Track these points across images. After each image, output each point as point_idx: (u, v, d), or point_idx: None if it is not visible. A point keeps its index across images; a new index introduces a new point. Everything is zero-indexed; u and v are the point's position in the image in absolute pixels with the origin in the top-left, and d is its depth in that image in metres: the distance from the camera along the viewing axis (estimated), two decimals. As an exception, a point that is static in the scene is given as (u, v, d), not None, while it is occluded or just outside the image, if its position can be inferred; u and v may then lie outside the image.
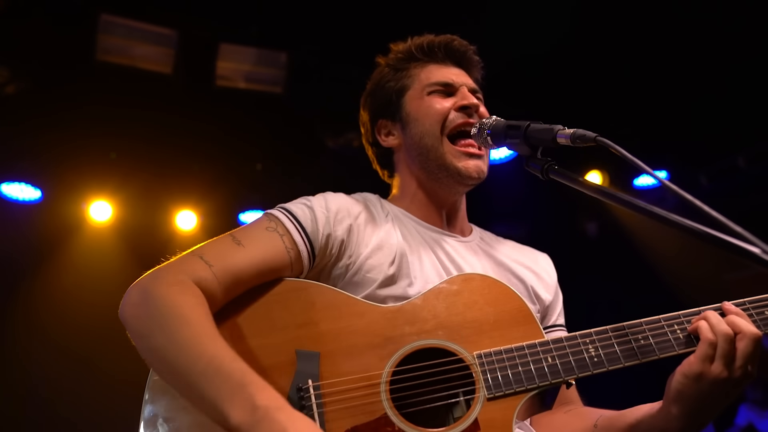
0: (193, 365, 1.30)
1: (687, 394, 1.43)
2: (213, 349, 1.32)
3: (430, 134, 1.82)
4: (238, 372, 1.28)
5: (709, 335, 1.42)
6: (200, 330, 1.35)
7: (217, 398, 1.25)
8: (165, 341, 1.34)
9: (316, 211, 1.68)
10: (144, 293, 1.43)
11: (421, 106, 1.87)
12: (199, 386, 1.28)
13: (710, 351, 1.41)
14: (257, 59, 4.92)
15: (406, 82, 1.92)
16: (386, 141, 1.95)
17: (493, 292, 1.61)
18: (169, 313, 1.37)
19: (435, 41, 1.94)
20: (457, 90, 1.87)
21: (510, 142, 1.64)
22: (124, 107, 4.75)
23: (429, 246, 1.78)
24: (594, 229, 6.93)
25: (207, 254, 1.52)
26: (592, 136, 1.42)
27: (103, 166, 5.41)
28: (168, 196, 5.76)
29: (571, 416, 1.73)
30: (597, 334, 1.52)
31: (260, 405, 1.23)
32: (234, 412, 1.23)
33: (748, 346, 1.41)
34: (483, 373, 1.45)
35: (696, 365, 1.42)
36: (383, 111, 1.95)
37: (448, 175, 1.82)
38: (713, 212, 1.18)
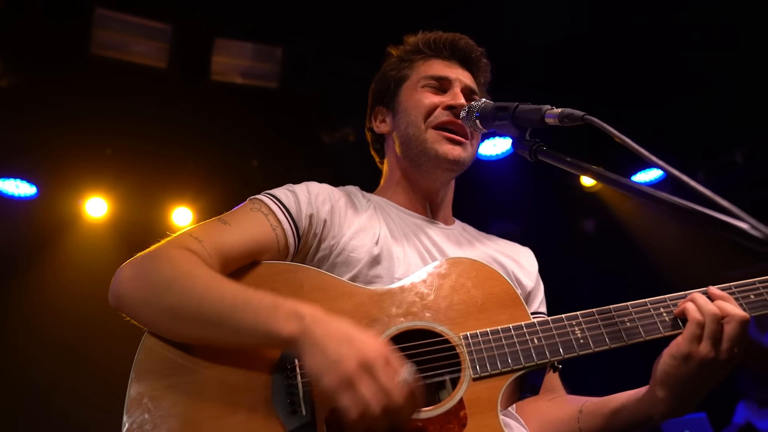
0: (220, 305, 1.34)
1: (674, 376, 1.43)
2: (233, 288, 1.37)
3: (413, 125, 1.86)
4: (267, 297, 1.34)
5: (697, 315, 1.42)
6: (212, 277, 1.40)
7: (258, 324, 1.30)
8: (180, 297, 1.37)
9: (299, 194, 1.71)
10: (139, 267, 1.45)
11: (411, 97, 1.91)
12: (234, 321, 1.32)
13: (698, 331, 1.41)
14: (252, 54, 4.90)
15: (406, 72, 1.97)
16: (379, 127, 2.01)
17: (481, 275, 1.61)
18: (175, 272, 1.40)
19: (441, 38, 1.97)
20: (451, 87, 1.89)
21: (498, 124, 1.64)
22: (119, 102, 4.74)
23: (412, 231, 1.81)
24: (591, 226, 6.92)
25: (196, 233, 1.54)
26: (579, 115, 1.42)
27: (99, 162, 5.40)
28: (164, 192, 5.75)
29: (556, 403, 1.74)
30: (583, 317, 1.53)
31: (305, 313, 1.29)
32: (282, 327, 1.28)
33: (735, 329, 1.41)
34: (469, 354, 1.45)
35: (684, 346, 1.42)
36: (381, 98, 2.01)
37: (427, 159, 1.84)
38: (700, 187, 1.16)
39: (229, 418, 1.33)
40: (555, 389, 1.81)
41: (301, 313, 1.29)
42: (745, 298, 1.53)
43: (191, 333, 1.39)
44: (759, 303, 1.53)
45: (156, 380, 1.37)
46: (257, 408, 1.35)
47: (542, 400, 1.78)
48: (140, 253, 1.49)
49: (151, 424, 1.31)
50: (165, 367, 1.39)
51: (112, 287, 1.45)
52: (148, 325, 1.42)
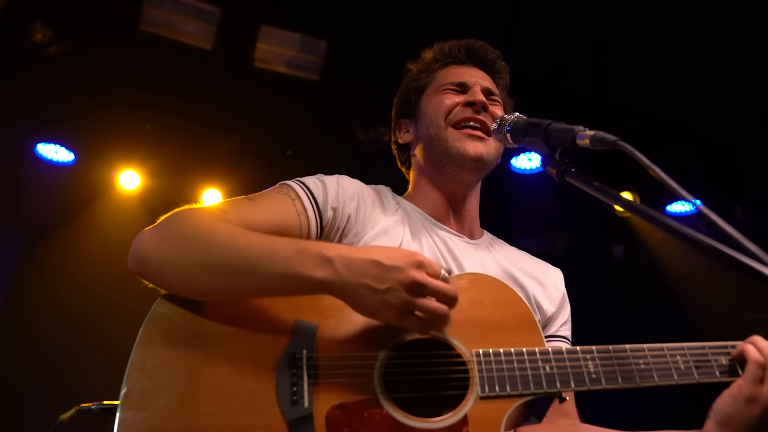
0: (247, 254, 1.35)
1: (737, 419, 1.40)
2: (257, 237, 1.39)
3: (434, 124, 1.87)
4: (291, 243, 1.37)
5: (757, 356, 1.41)
6: (235, 229, 1.42)
7: (287, 269, 1.33)
8: (205, 250, 1.38)
9: (328, 185, 1.72)
10: (163, 227, 1.46)
11: (432, 101, 1.92)
12: (263, 268, 1.34)
13: (759, 372, 1.40)
14: (297, 45, 4.93)
15: (426, 81, 1.99)
16: (403, 137, 2.03)
17: (500, 295, 1.59)
18: (200, 226, 1.42)
19: (456, 44, 2.00)
20: (470, 88, 1.90)
21: (529, 140, 1.61)
22: (162, 79, 4.80)
23: (434, 241, 1.80)
24: (620, 251, 6.79)
25: (222, 206, 1.57)
26: (612, 140, 1.38)
27: (137, 135, 5.47)
28: (196, 171, 5.80)
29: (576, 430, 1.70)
30: (598, 352, 1.50)
31: (331, 256, 1.32)
32: (312, 272, 1.31)
33: None
34: (479, 372, 1.43)
35: (746, 387, 1.40)
36: (404, 110, 2.04)
37: (450, 160, 1.84)
38: (729, 228, 1.12)
39: (229, 399, 1.33)
40: (569, 414, 1.77)
41: (328, 256, 1.32)
42: None
43: (221, 284, 1.39)
44: None
45: (161, 349, 1.38)
46: (259, 393, 1.35)
47: (558, 425, 1.73)
48: (162, 217, 1.51)
49: (151, 392, 1.31)
50: (172, 338, 1.39)
51: (133, 249, 1.46)
52: (174, 282, 1.42)
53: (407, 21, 4.42)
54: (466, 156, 1.81)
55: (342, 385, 1.37)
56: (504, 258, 1.91)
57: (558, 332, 1.85)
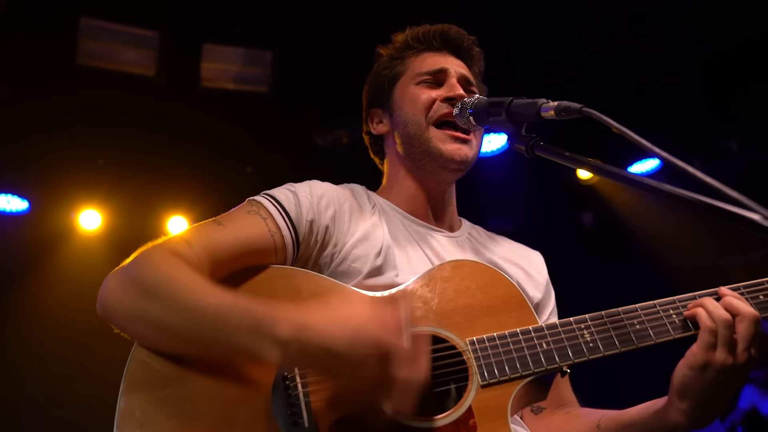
0: (201, 323, 1.27)
1: (694, 386, 1.39)
2: (213, 301, 1.29)
3: (413, 122, 1.79)
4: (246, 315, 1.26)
5: (708, 323, 1.39)
6: (193, 285, 1.33)
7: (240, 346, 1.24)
8: (165, 310, 1.31)
9: (301, 196, 1.63)
10: (126, 276, 1.39)
11: (406, 94, 1.84)
12: (218, 340, 1.27)
13: (712, 339, 1.38)
14: (242, 59, 4.86)
15: (399, 69, 1.90)
16: (377, 129, 1.94)
17: (485, 278, 1.56)
18: (158, 282, 1.34)
19: (431, 30, 1.91)
20: (447, 79, 1.82)
21: (493, 120, 1.59)
22: (108, 112, 4.69)
23: (415, 241, 1.74)
24: (590, 218, 6.89)
25: (187, 235, 1.48)
26: (577, 108, 1.37)
27: (91, 173, 5.34)
28: (158, 201, 5.70)
29: (570, 418, 1.68)
30: (592, 320, 1.49)
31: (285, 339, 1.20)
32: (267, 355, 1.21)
33: (748, 329, 1.38)
34: (476, 360, 1.40)
35: (700, 355, 1.38)
36: (376, 99, 1.94)
37: (431, 160, 1.77)
38: (707, 178, 1.12)
39: None
40: (568, 402, 1.75)
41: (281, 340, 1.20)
42: (755, 299, 1.50)
43: (180, 349, 1.34)
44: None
45: (148, 392, 1.32)
46: (257, 421, 1.30)
47: (557, 415, 1.71)
48: (128, 259, 1.43)
49: None
50: (157, 378, 1.33)
51: (100, 296, 1.40)
52: (138, 338, 1.37)
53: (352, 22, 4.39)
54: (451, 160, 1.74)
55: (340, 396, 1.33)
56: (485, 247, 1.87)
57: (548, 321, 1.83)
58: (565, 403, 1.75)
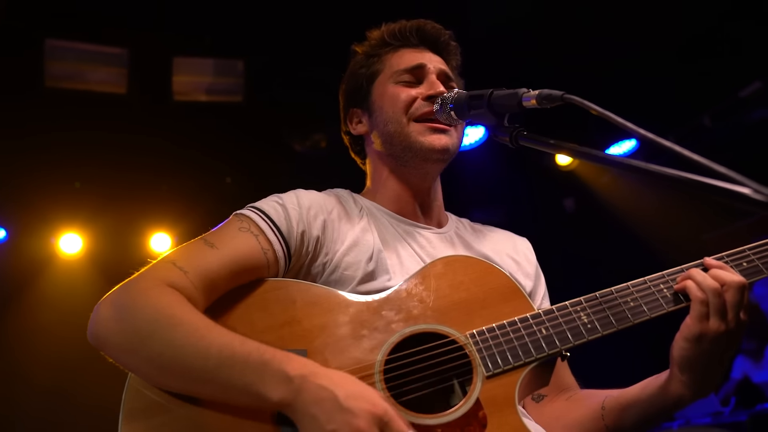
0: (205, 362, 1.25)
1: (693, 357, 1.42)
2: (218, 339, 1.28)
3: (394, 121, 1.77)
4: (254, 353, 1.26)
5: (699, 294, 1.42)
6: (196, 324, 1.30)
7: (246, 384, 1.23)
8: (162, 347, 1.28)
9: (289, 208, 1.61)
10: (119, 306, 1.35)
11: (386, 93, 1.82)
12: (221, 379, 1.25)
13: (703, 309, 1.41)
14: (213, 70, 4.83)
15: (377, 67, 1.88)
16: (356, 129, 1.92)
17: (478, 271, 1.57)
18: (156, 318, 1.31)
19: (407, 25, 1.89)
20: (426, 76, 1.81)
21: (474, 113, 1.59)
22: (81, 132, 4.62)
23: (405, 240, 1.74)
24: (571, 204, 6.94)
25: (179, 260, 1.44)
26: (558, 95, 1.37)
27: (68, 196, 5.26)
28: (139, 220, 5.63)
29: (573, 402, 1.69)
30: (587, 301, 1.50)
31: (293, 375, 1.22)
32: (270, 391, 1.22)
33: (735, 296, 1.41)
34: (479, 352, 1.40)
35: (694, 326, 1.41)
36: (354, 99, 1.92)
37: (413, 155, 1.76)
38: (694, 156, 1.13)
39: None
40: (569, 386, 1.76)
41: (289, 375, 1.22)
42: (738, 266, 1.53)
43: (176, 386, 1.31)
44: (752, 270, 1.54)
45: (148, 419, 1.29)
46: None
47: (558, 401, 1.71)
48: (119, 286, 1.39)
49: None
50: (156, 406, 1.30)
51: (90, 327, 1.36)
52: (131, 371, 1.34)
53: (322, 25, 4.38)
54: (432, 149, 1.73)
55: None
56: (473, 240, 1.88)
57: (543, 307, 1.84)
58: (566, 387, 1.76)
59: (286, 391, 1.21)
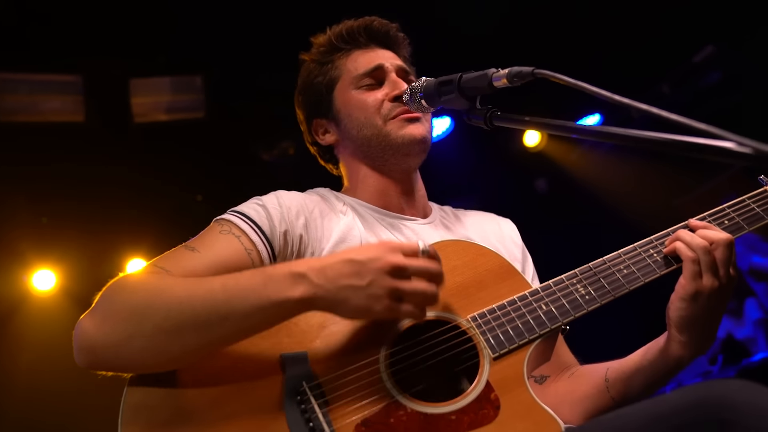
0: (213, 300, 1.26)
1: (690, 316, 1.44)
2: (217, 280, 1.30)
3: (368, 126, 1.76)
4: (256, 272, 1.31)
5: (690, 253, 1.44)
6: (187, 282, 1.32)
7: (262, 299, 1.25)
8: (165, 312, 1.26)
9: (270, 208, 1.59)
10: (104, 310, 1.31)
11: (351, 100, 1.80)
12: (236, 309, 1.25)
13: (695, 267, 1.43)
14: (171, 88, 4.75)
15: (333, 74, 1.85)
16: (324, 139, 1.90)
17: (469, 254, 1.56)
18: (147, 294, 1.31)
19: (354, 26, 1.87)
20: (387, 75, 1.80)
21: (445, 99, 1.58)
22: (42, 167, 4.50)
23: (392, 233, 1.73)
24: (543, 185, 7.00)
25: (162, 263, 1.42)
26: (529, 71, 1.38)
27: (36, 232, 5.11)
28: (113, 248, 5.49)
29: (576, 379, 1.70)
30: (582, 273, 1.51)
31: (302, 270, 1.26)
32: (289, 292, 1.24)
33: (725, 253, 1.44)
34: (482, 335, 1.40)
35: (689, 286, 1.43)
36: (316, 109, 1.89)
37: (394, 152, 1.76)
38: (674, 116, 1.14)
39: None
40: (570, 364, 1.77)
41: (299, 271, 1.26)
42: (721, 224, 1.56)
43: (195, 341, 1.26)
44: (733, 226, 1.57)
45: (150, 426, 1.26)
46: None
47: (562, 380, 1.72)
48: (96, 296, 1.35)
49: None
50: (158, 423, 1.27)
51: (76, 341, 1.30)
52: (137, 360, 1.28)
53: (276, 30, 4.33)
54: (413, 141, 1.73)
55: (356, 400, 1.31)
56: (458, 226, 1.88)
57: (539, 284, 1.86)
58: (567, 365, 1.77)
59: (304, 286, 1.24)
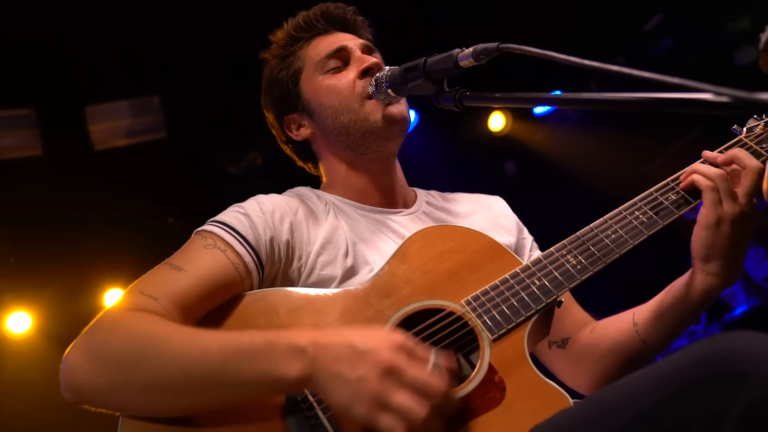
0: (209, 364, 1.17)
1: (715, 244, 1.44)
2: (215, 338, 1.22)
3: (344, 111, 1.71)
4: (257, 337, 1.19)
5: (708, 182, 1.45)
6: (185, 334, 1.23)
7: (259, 372, 1.15)
8: (156, 369, 1.18)
9: (252, 216, 1.54)
10: (92, 345, 1.25)
11: (320, 87, 1.75)
12: (230, 377, 1.16)
13: (715, 195, 1.44)
14: (129, 111, 4.65)
15: (297, 65, 1.81)
16: (299, 135, 1.84)
17: (455, 237, 1.54)
18: (139, 342, 1.22)
19: (310, 14, 1.83)
20: (351, 54, 1.77)
21: (412, 85, 1.56)
22: (3, 206, 4.37)
23: (378, 230, 1.69)
24: (512, 167, 7.04)
25: (147, 288, 1.35)
26: (494, 46, 1.36)
27: (5, 273, 4.96)
28: (87, 281, 5.35)
29: (600, 331, 1.68)
30: (570, 243, 1.50)
31: (304, 344, 1.15)
32: (286, 369, 1.14)
33: (752, 180, 1.44)
34: (479, 317, 1.38)
35: (711, 214, 1.44)
36: (285, 105, 1.84)
37: (375, 136, 1.70)
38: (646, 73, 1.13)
39: None
40: (587, 321, 1.75)
41: (300, 345, 1.15)
42: None
43: (183, 404, 1.21)
44: None
45: None
46: None
47: (584, 337, 1.70)
48: (85, 330, 1.29)
49: None
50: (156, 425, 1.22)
51: (64, 378, 1.24)
52: (125, 409, 1.23)
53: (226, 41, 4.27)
54: (393, 120, 1.68)
55: None
56: (445, 211, 1.85)
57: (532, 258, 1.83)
58: (585, 322, 1.75)
59: (302, 363, 1.14)
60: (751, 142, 1.63)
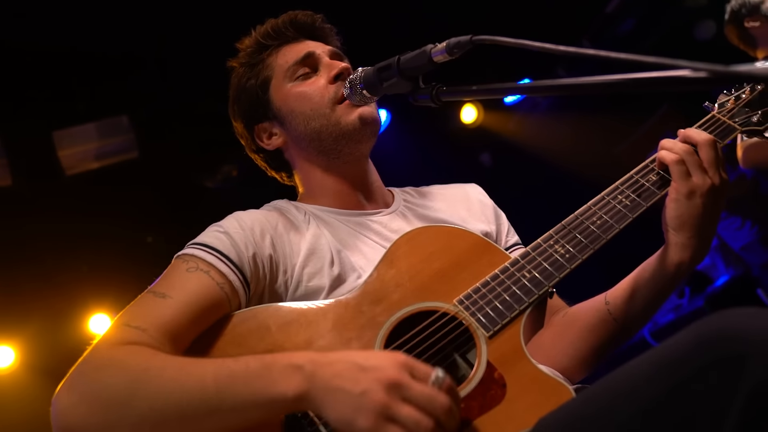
0: (203, 391, 1.14)
1: (686, 214, 1.45)
2: (208, 366, 1.19)
3: (316, 117, 1.70)
4: (252, 361, 1.17)
5: (672, 156, 1.47)
6: (177, 364, 1.20)
7: (256, 394, 1.13)
8: (150, 402, 1.15)
9: (232, 233, 1.51)
10: (82, 386, 1.21)
11: (289, 95, 1.74)
12: (226, 402, 1.13)
13: (682, 167, 1.45)
14: (98, 134, 4.57)
15: (265, 74, 1.79)
16: (270, 144, 1.82)
17: (442, 237, 1.53)
18: (131, 378, 1.19)
19: (278, 22, 1.81)
20: (320, 61, 1.76)
21: (387, 85, 1.55)
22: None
23: (360, 233, 1.67)
24: (488, 158, 7.07)
25: (133, 320, 1.31)
26: (467, 39, 1.37)
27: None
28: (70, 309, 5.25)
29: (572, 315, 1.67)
30: (557, 233, 1.50)
31: (302, 362, 1.14)
32: (284, 387, 1.12)
33: (709, 152, 1.46)
34: (472, 315, 1.37)
35: (681, 186, 1.45)
36: (254, 114, 1.81)
37: (347, 139, 1.70)
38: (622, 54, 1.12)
39: None
40: (559, 307, 1.74)
41: (297, 363, 1.13)
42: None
43: None
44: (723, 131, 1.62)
45: None
46: None
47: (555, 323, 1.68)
48: (74, 367, 1.25)
49: None
50: None
51: (55, 422, 1.20)
52: None
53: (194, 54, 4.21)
54: (365, 122, 1.67)
55: None
56: (424, 207, 1.84)
57: (508, 243, 1.83)
58: (557, 309, 1.74)
59: (300, 380, 1.12)
60: (723, 117, 1.65)
